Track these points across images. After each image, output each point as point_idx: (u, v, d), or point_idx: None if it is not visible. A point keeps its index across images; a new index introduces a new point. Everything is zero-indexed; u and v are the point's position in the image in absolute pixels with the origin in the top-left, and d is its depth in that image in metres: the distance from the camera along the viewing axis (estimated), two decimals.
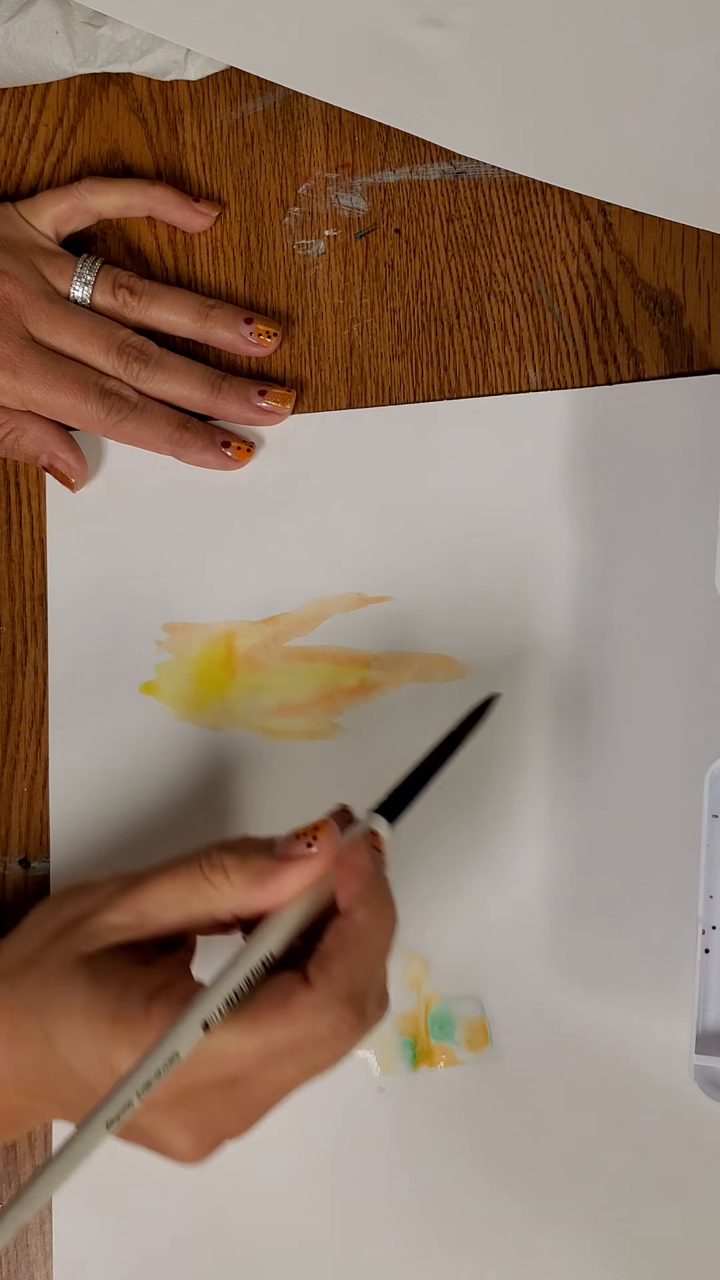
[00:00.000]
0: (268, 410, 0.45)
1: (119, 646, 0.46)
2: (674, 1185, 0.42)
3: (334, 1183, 0.44)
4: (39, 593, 0.47)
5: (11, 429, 0.44)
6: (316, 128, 0.47)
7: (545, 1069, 0.43)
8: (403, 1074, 0.44)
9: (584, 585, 0.44)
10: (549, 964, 0.43)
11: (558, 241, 0.46)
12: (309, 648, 0.45)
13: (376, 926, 0.33)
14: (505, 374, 0.46)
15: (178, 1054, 0.30)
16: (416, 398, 0.46)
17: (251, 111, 0.47)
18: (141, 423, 0.44)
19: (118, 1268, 0.45)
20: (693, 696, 0.43)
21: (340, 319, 0.47)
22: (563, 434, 0.45)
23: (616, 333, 0.45)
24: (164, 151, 0.48)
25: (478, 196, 0.46)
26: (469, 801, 0.44)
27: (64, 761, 0.46)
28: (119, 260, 0.47)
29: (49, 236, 0.46)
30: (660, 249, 0.45)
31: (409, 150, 0.46)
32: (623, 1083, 0.43)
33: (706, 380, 0.44)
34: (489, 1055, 0.43)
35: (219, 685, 0.46)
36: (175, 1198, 0.45)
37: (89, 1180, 0.45)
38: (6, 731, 0.47)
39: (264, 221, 0.47)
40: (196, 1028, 0.30)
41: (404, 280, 0.46)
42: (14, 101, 0.48)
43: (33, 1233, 0.45)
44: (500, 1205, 0.43)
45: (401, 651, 0.45)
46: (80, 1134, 0.28)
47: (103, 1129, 0.29)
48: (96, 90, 0.48)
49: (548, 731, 0.44)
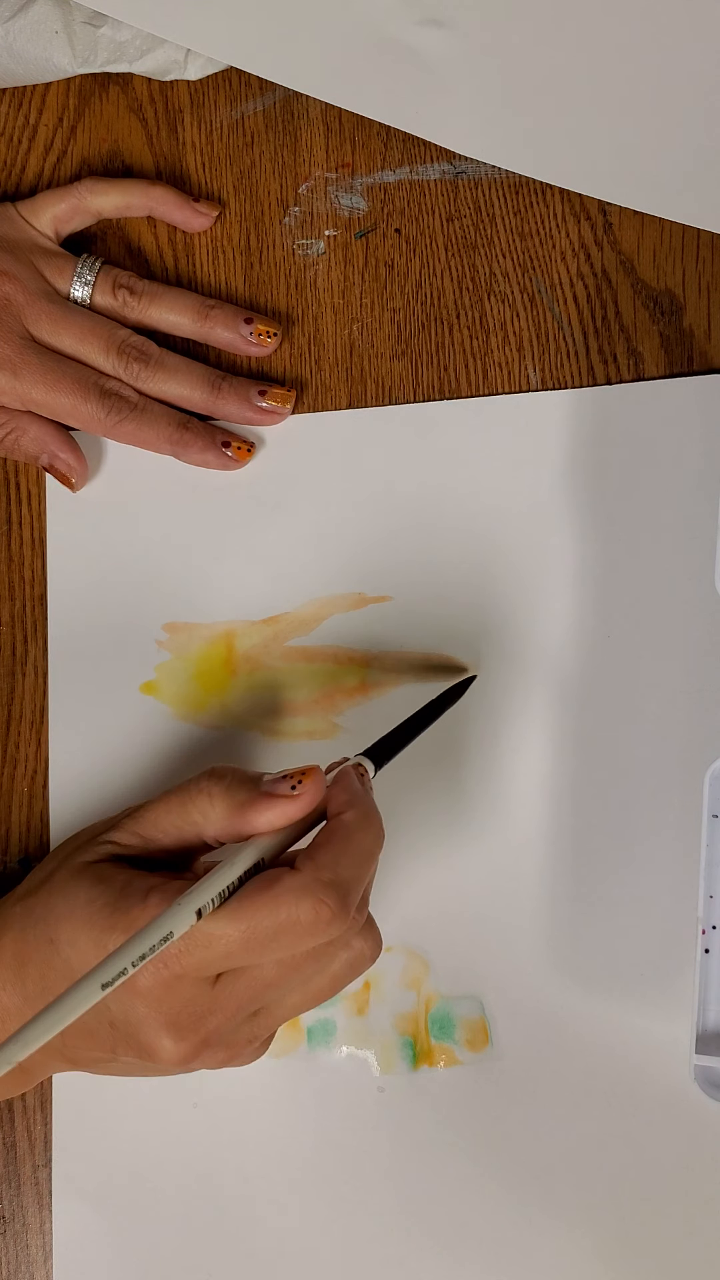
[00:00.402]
0: (268, 410, 0.45)
1: (119, 646, 0.46)
2: (674, 1185, 0.42)
3: (334, 1183, 0.44)
4: (39, 593, 0.47)
5: (11, 429, 0.44)
6: (316, 128, 0.47)
7: (545, 1069, 0.43)
8: (403, 1074, 0.44)
9: (584, 585, 0.44)
10: (549, 964, 0.43)
11: (558, 241, 0.46)
12: (309, 648, 0.45)
13: (363, 828, 0.35)
14: (505, 374, 0.46)
15: (171, 933, 0.31)
16: (416, 398, 0.46)
17: (251, 111, 0.47)
18: (141, 423, 0.44)
19: (118, 1268, 0.45)
20: (693, 696, 0.43)
21: (340, 319, 0.47)
22: (563, 434, 0.45)
23: (616, 333, 0.45)
24: (164, 151, 0.48)
25: (478, 196, 0.46)
26: (469, 801, 0.44)
27: (64, 761, 0.46)
28: (119, 260, 0.47)
29: (49, 236, 0.46)
30: (660, 249, 0.45)
31: (409, 150, 0.46)
32: (623, 1083, 0.43)
33: (706, 380, 0.44)
34: (489, 1055, 0.44)
35: (219, 685, 0.46)
36: (175, 1197, 0.45)
37: (89, 1180, 0.45)
38: (6, 731, 0.47)
39: (264, 221, 0.47)
40: (190, 914, 0.31)
41: (404, 280, 0.46)
42: (14, 101, 0.48)
43: (33, 1233, 0.45)
44: (500, 1205, 0.43)
45: (401, 651, 0.45)
46: (74, 990, 0.29)
47: (97, 990, 0.29)
48: (96, 90, 0.48)
49: (548, 731, 0.44)
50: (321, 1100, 0.44)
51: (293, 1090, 0.44)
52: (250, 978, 0.33)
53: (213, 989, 0.33)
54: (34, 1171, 0.46)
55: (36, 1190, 0.45)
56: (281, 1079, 0.45)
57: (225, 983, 0.33)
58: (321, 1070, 0.44)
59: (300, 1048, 0.44)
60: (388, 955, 0.44)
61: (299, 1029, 0.45)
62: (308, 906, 0.32)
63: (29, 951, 0.36)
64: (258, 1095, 0.44)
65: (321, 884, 0.32)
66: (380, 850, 0.35)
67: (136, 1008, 0.33)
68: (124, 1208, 0.45)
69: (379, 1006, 0.44)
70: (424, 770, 0.44)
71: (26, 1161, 0.45)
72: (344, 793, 0.35)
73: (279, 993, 0.34)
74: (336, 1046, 0.44)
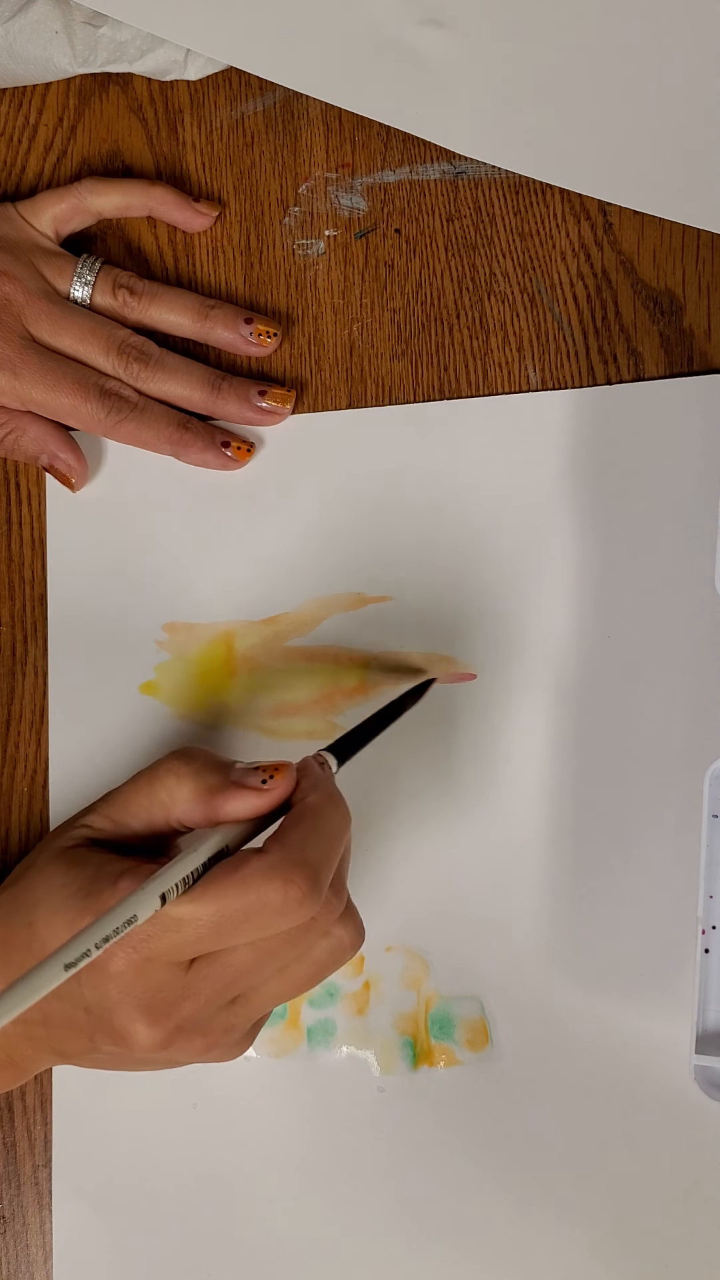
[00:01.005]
0: (268, 410, 0.45)
1: (119, 647, 0.46)
2: (674, 1185, 0.42)
3: (334, 1183, 0.44)
4: (39, 593, 0.47)
5: (11, 429, 0.44)
6: (316, 128, 0.47)
7: (545, 1069, 0.43)
8: (403, 1074, 0.44)
9: (584, 585, 0.44)
10: (549, 964, 0.43)
11: (558, 241, 0.46)
12: (309, 648, 0.45)
13: (330, 810, 0.35)
14: (505, 374, 0.46)
15: (135, 917, 0.31)
16: (416, 398, 0.46)
17: (251, 111, 0.47)
18: (141, 423, 0.44)
19: (118, 1268, 0.45)
20: (693, 696, 0.43)
21: (340, 319, 0.47)
22: (563, 434, 0.45)
23: (616, 333, 0.45)
24: (164, 151, 0.48)
25: (478, 196, 0.46)
26: (469, 801, 0.44)
27: (64, 762, 0.46)
28: (119, 260, 0.47)
29: (49, 237, 0.46)
30: (660, 249, 0.45)
31: (409, 150, 0.46)
32: (623, 1083, 0.43)
33: (706, 380, 0.44)
34: (489, 1055, 0.44)
35: (219, 685, 0.46)
36: (175, 1197, 0.45)
37: (89, 1180, 0.45)
38: (6, 731, 0.47)
39: (264, 221, 0.47)
40: (154, 897, 0.31)
41: (404, 280, 0.46)
42: (14, 101, 0.48)
43: (33, 1233, 0.45)
44: (500, 1205, 0.43)
45: (401, 651, 0.45)
46: (37, 971, 0.29)
47: (60, 970, 0.29)
48: (96, 90, 0.48)
49: (547, 731, 0.44)
50: (321, 1100, 0.44)
51: (293, 1090, 0.44)
52: (224, 963, 0.33)
53: (186, 974, 0.33)
54: (34, 1171, 0.46)
55: (36, 1190, 0.45)
56: (281, 1079, 0.45)
57: (199, 967, 0.33)
58: (321, 1070, 0.44)
59: (300, 1048, 0.44)
60: (388, 955, 0.44)
61: (299, 1029, 0.45)
62: (277, 886, 0.32)
63: (11, 936, 0.36)
64: (258, 1095, 0.45)
65: (290, 863, 0.32)
66: (348, 831, 0.35)
67: (110, 992, 0.33)
68: (124, 1208, 0.45)
69: (379, 1006, 0.44)
70: (424, 770, 0.44)
71: (26, 1161, 0.45)
72: (308, 778, 0.36)
73: (256, 979, 0.34)
74: (336, 1047, 0.44)
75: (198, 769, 0.35)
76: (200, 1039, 0.35)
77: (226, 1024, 0.35)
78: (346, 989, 0.44)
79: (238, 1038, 0.36)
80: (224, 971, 0.33)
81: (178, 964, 0.33)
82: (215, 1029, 0.35)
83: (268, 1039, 0.45)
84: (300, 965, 0.35)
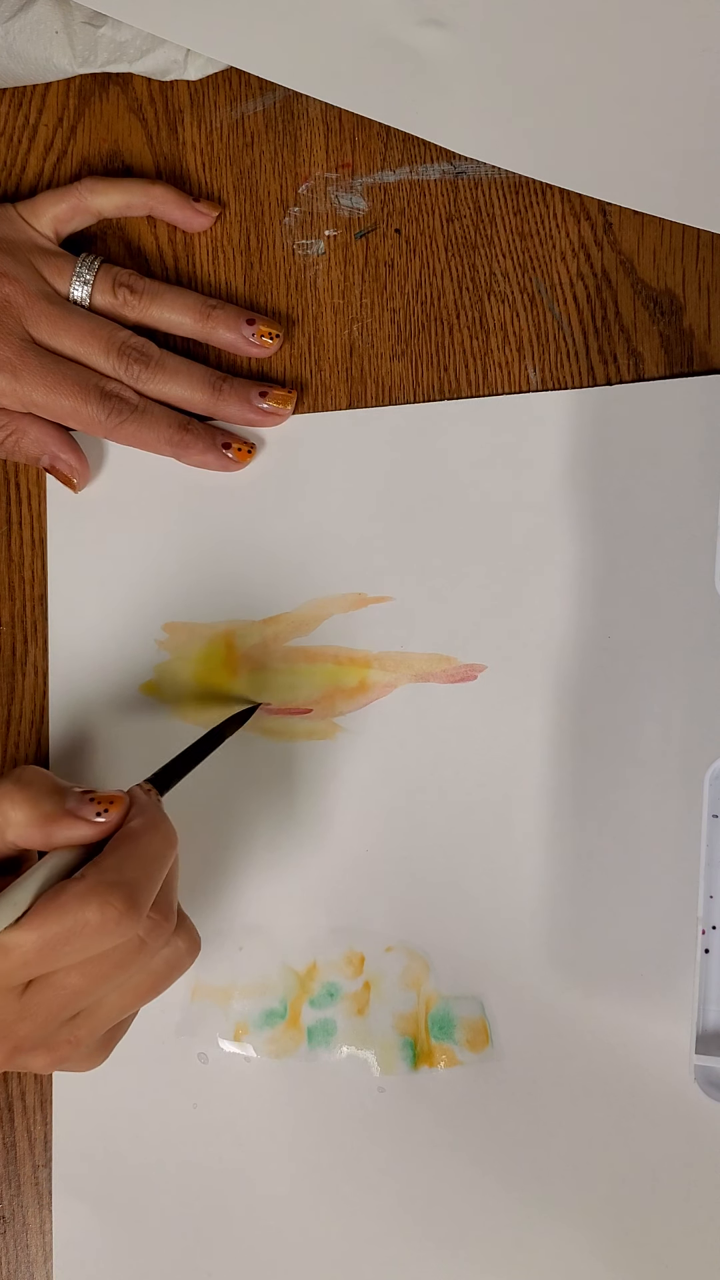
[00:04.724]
0: (268, 411, 0.45)
1: (119, 646, 0.46)
2: (674, 1185, 0.42)
3: (334, 1183, 0.44)
4: (39, 593, 0.47)
5: (12, 431, 0.44)
6: (316, 128, 0.47)
7: (545, 1069, 0.43)
8: (403, 1074, 0.44)
9: (584, 585, 0.44)
10: (549, 964, 0.43)
11: (558, 241, 0.45)
12: (309, 648, 0.45)
13: (149, 833, 0.36)
14: (505, 374, 0.46)
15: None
16: (416, 398, 0.46)
17: (251, 111, 0.47)
18: (142, 424, 0.44)
19: (118, 1268, 0.45)
20: (693, 696, 0.43)
21: (340, 319, 0.47)
22: (563, 434, 0.45)
23: (616, 333, 0.45)
24: (164, 151, 0.48)
25: (478, 196, 0.46)
26: (469, 801, 0.44)
27: (64, 762, 0.46)
28: (119, 260, 0.47)
29: (49, 237, 0.46)
30: (660, 249, 0.45)
31: (409, 150, 0.46)
32: (623, 1083, 0.43)
33: (706, 380, 0.44)
34: (489, 1055, 0.44)
35: (219, 685, 0.46)
36: (175, 1198, 0.45)
37: (89, 1180, 0.45)
38: (6, 731, 0.47)
39: (264, 221, 0.47)
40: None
41: (404, 280, 0.46)
42: (14, 101, 0.48)
43: (33, 1233, 0.45)
44: (500, 1205, 0.43)
45: (401, 651, 0.45)
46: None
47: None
48: (96, 90, 0.48)
49: (547, 731, 0.44)
50: (321, 1100, 0.44)
51: (293, 1090, 0.44)
52: (56, 984, 0.34)
53: (21, 997, 0.34)
54: (34, 1171, 0.46)
55: (36, 1190, 0.45)
56: (281, 1079, 0.45)
57: (34, 990, 0.34)
58: (321, 1071, 0.44)
59: (300, 1048, 0.45)
60: (388, 955, 0.44)
61: (299, 1029, 0.45)
62: (94, 908, 0.33)
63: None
64: (258, 1095, 0.45)
65: (106, 885, 0.33)
66: (173, 853, 0.36)
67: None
68: (124, 1208, 0.45)
69: (379, 1007, 0.44)
70: (424, 770, 0.44)
71: (26, 1161, 0.45)
72: (134, 805, 0.37)
73: (91, 997, 0.35)
74: (337, 1047, 0.44)
75: (33, 795, 0.36)
76: (45, 1054, 0.36)
77: (71, 1038, 0.36)
78: (347, 989, 0.45)
79: (87, 1050, 0.37)
80: (58, 993, 0.34)
81: (12, 988, 0.34)
82: (59, 1044, 0.36)
83: (268, 1039, 0.45)
84: (141, 975, 0.36)
